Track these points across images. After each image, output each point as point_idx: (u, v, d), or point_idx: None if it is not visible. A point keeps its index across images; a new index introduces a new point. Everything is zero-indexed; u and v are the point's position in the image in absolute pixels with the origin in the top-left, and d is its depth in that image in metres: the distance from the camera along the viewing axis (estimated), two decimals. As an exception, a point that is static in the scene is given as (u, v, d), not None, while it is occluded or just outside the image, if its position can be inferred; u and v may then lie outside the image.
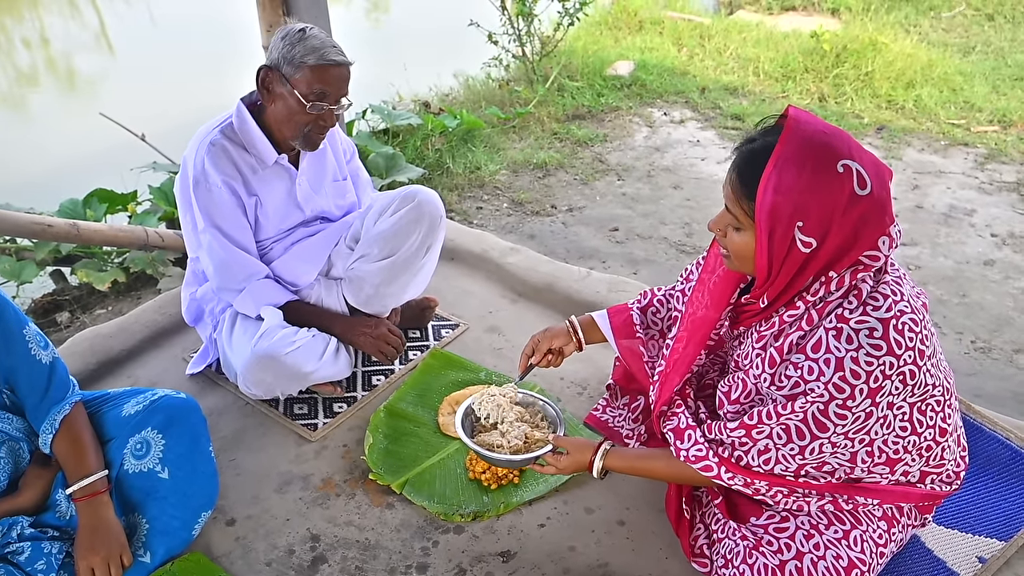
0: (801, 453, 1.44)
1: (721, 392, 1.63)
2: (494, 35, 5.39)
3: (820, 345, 1.39)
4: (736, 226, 1.43)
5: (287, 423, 2.22)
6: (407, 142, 4.46)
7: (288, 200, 2.23)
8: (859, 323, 1.36)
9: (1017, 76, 5.61)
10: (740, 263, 1.47)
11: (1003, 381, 2.83)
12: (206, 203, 2.10)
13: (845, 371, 1.35)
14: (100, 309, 3.42)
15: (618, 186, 4.31)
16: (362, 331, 2.24)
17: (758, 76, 5.68)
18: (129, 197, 3.72)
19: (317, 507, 1.98)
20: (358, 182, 2.45)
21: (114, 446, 1.80)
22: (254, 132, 2.10)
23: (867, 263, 1.37)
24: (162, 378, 2.39)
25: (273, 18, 2.95)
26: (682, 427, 1.63)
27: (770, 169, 1.32)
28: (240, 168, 2.12)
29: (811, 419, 1.40)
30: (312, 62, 1.98)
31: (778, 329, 1.49)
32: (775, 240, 1.35)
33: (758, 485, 1.51)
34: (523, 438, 1.85)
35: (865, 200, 1.31)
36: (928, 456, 1.52)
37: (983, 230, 3.80)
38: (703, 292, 1.69)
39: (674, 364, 1.72)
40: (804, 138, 1.32)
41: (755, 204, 1.34)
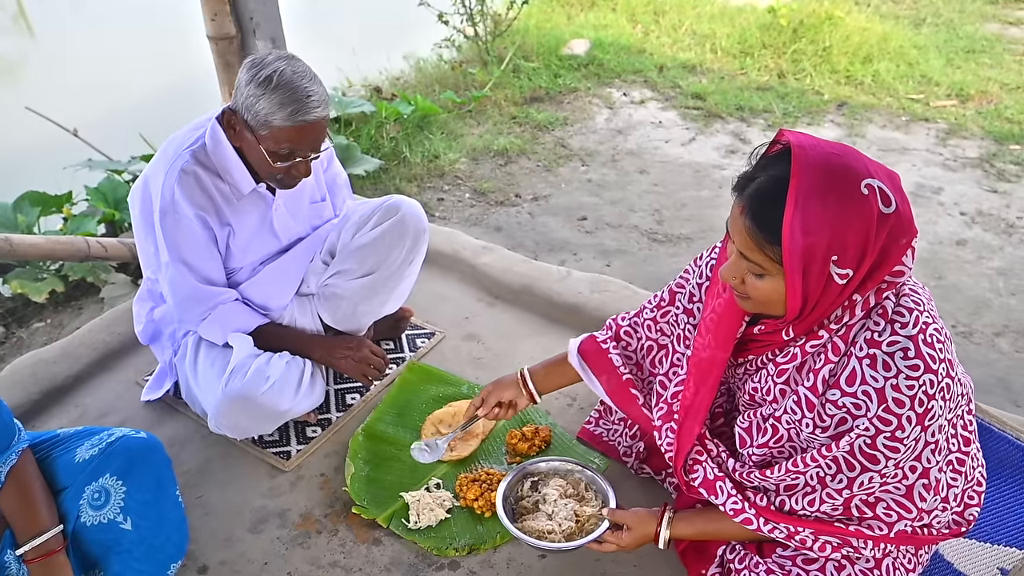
0: (849, 486, 1.32)
1: (741, 429, 1.51)
2: (445, 15, 5.20)
3: (855, 376, 1.28)
4: (758, 272, 1.28)
5: (257, 452, 2.04)
6: (360, 131, 4.25)
7: (263, 228, 2.03)
8: (891, 345, 1.26)
9: (969, 48, 5.65)
10: (763, 307, 1.34)
11: (987, 367, 2.80)
12: (174, 236, 1.87)
13: (888, 401, 1.25)
14: (38, 322, 3.17)
15: (583, 172, 4.18)
16: (343, 353, 2.06)
17: (716, 53, 5.59)
18: (64, 199, 3.45)
19: (297, 547, 1.82)
20: (335, 189, 2.25)
21: (68, 496, 1.60)
22: (230, 159, 1.87)
23: (892, 280, 1.27)
24: (115, 406, 2.19)
25: (217, 5, 2.72)
26: (711, 479, 1.51)
27: (791, 209, 1.18)
28: (213, 197, 1.90)
29: (859, 452, 1.29)
30: (279, 123, 1.73)
31: (800, 361, 1.37)
32: (810, 280, 1.21)
33: (804, 535, 1.40)
34: (573, 517, 1.70)
35: (892, 217, 1.20)
36: (963, 469, 1.44)
37: (952, 208, 3.79)
38: (703, 332, 1.55)
39: (687, 411, 1.58)
40: (818, 166, 1.19)
41: (782, 249, 1.20)
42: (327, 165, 2.21)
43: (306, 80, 1.74)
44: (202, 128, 1.90)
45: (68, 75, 6.07)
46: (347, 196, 2.29)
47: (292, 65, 1.75)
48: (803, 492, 1.38)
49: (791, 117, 4.70)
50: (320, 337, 2.11)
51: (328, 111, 1.80)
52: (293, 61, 1.76)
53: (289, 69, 1.73)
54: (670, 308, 1.70)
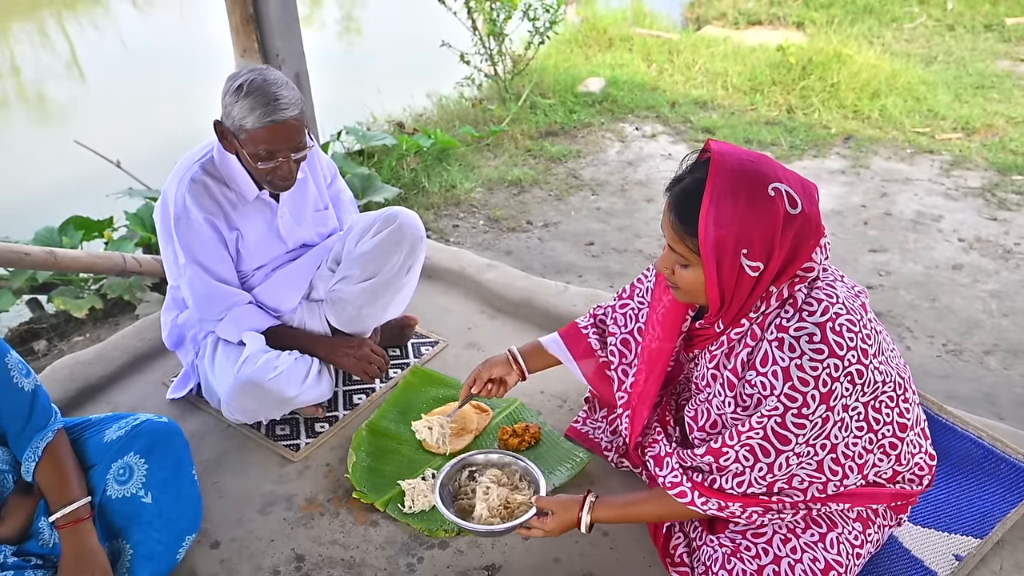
0: (771, 471, 1.47)
1: (688, 417, 1.67)
2: (466, 55, 5.46)
3: (767, 358, 1.44)
4: (683, 263, 1.46)
5: (269, 444, 2.22)
6: (382, 162, 4.49)
7: (270, 233, 2.23)
8: (797, 330, 1.42)
9: (978, 84, 5.75)
10: (691, 296, 1.52)
11: (974, 383, 2.89)
12: (187, 239, 2.09)
13: (793, 379, 1.40)
14: (78, 336, 3.41)
15: (592, 201, 4.36)
16: (345, 352, 2.25)
17: (727, 90, 5.77)
18: (105, 223, 3.71)
19: (301, 527, 1.99)
20: (340, 205, 2.44)
21: (97, 472, 1.79)
22: (234, 168, 2.09)
23: (803, 274, 1.44)
24: (142, 404, 2.39)
25: (247, 43, 2.98)
26: (661, 455, 1.66)
27: (706, 204, 1.36)
28: (221, 204, 2.11)
29: (772, 434, 1.44)
30: (251, 125, 1.91)
31: (727, 347, 1.54)
32: (724, 270, 1.39)
33: (732, 508, 1.54)
34: (504, 502, 1.83)
35: (798, 218, 1.38)
36: (895, 453, 1.56)
37: (950, 235, 3.89)
38: (653, 324, 1.72)
39: (639, 398, 1.75)
40: (732, 169, 1.37)
41: (699, 240, 1.38)
42: (331, 181, 2.41)
43: (275, 86, 1.92)
44: (211, 144, 2.13)
45: (113, 113, 6.45)
46: (353, 212, 2.49)
47: (263, 74, 1.94)
48: (732, 473, 1.52)
49: (798, 150, 4.84)
50: (325, 337, 2.30)
51: (299, 112, 1.96)
52: (266, 71, 1.96)
53: (260, 78, 1.93)
54: (629, 301, 1.88)
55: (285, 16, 3.01)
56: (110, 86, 7.47)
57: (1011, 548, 1.85)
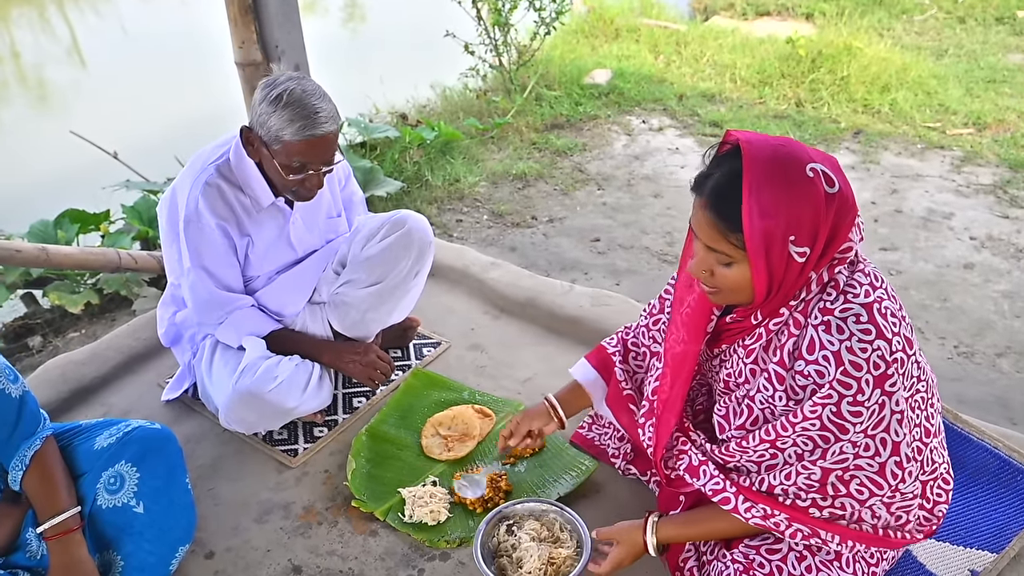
0: (824, 456, 1.40)
1: (719, 416, 1.59)
2: (470, 45, 5.37)
3: (814, 344, 1.37)
4: (726, 262, 1.38)
5: (266, 450, 2.17)
6: (385, 155, 4.42)
7: (280, 239, 2.16)
8: (843, 311, 1.36)
9: (989, 78, 5.67)
10: (733, 296, 1.43)
11: (987, 386, 2.83)
12: (196, 243, 2.02)
13: (845, 364, 1.33)
14: (73, 332, 3.35)
15: (598, 196, 4.29)
16: (351, 358, 2.18)
17: (735, 82, 5.69)
18: (102, 217, 3.65)
19: (299, 536, 1.93)
20: (351, 207, 2.38)
21: (86, 481, 1.74)
22: (251, 173, 2.01)
23: (841, 256, 1.38)
24: (137, 405, 2.33)
25: (246, 34, 2.90)
26: (695, 464, 1.60)
27: (747, 196, 1.29)
28: (234, 209, 2.04)
29: (828, 422, 1.37)
30: (289, 137, 1.86)
31: (766, 340, 1.47)
32: (773, 261, 1.32)
33: (779, 518, 1.46)
34: (548, 559, 1.74)
35: (837, 197, 1.32)
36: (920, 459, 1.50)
37: (962, 233, 3.82)
38: (676, 327, 1.65)
39: (665, 405, 1.67)
40: (766, 156, 1.31)
41: (743, 235, 1.31)
42: (344, 183, 2.35)
43: (315, 98, 1.87)
44: (227, 145, 2.05)
45: (113, 102, 6.38)
46: (361, 212, 2.42)
47: (302, 84, 1.88)
48: (780, 468, 1.45)
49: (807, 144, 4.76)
50: (329, 342, 2.23)
51: (337, 126, 1.93)
52: (303, 81, 1.90)
53: (299, 88, 1.86)
54: (660, 316, 1.81)
55: (284, 6, 2.93)
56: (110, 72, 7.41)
57: (1029, 563, 1.80)
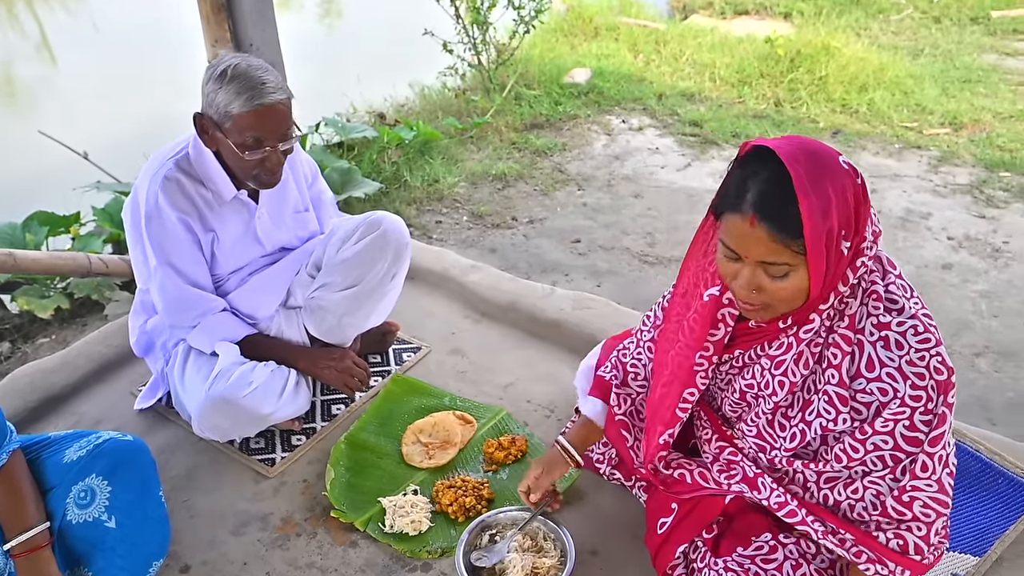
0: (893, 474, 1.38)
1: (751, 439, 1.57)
2: (449, 44, 5.33)
3: (873, 363, 1.35)
4: (782, 274, 1.32)
5: (243, 459, 2.12)
6: (363, 155, 4.36)
7: (247, 235, 2.12)
8: (900, 325, 1.33)
9: (965, 78, 5.71)
10: (787, 305, 1.36)
11: (966, 386, 2.84)
12: (159, 239, 1.98)
13: (911, 377, 1.32)
14: (43, 338, 3.27)
15: (578, 196, 4.27)
16: (327, 364, 2.13)
17: (714, 82, 5.69)
18: (72, 219, 3.56)
19: (277, 548, 1.89)
20: (320, 206, 2.33)
21: (56, 495, 1.68)
22: (211, 166, 1.97)
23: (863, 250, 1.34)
24: (109, 414, 2.27)
25: (219, 32, 2.85)
26: (752, 476, 1.58)
27: (803, 198, 1.24)
28: (196, 203, 2.00)
29: (900, 439, 1.35)
30: (238, 110, 1.82)
31: (796, 351, 1.43)
32: (831, 260, 1.29)
33: (844, 536, 1.43)
34: (531, 570, 1.71)
35: (863, 186, 1.31)
36: None
37: (939, 233, 3.84)
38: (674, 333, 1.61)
39: (654, 412, 1.65)
40: (804, 156, 1.27)
41: (804, 240, 1.26)
42: (312, 181, 2.30)
43: (260, 70, 1.84)
44: (186, 140, 2.01)
45: (83, 100, 6.26)
46: (333, 214, 2.38)
47: (246, 59, 1.86)
48: (845, 481, 1.43)
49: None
50: (305, 348, 2.19)
51: (286, 97, 1.88)
52: (247, 57, 1.87)
53: (243, 63, 1.84)
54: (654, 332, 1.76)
55: (259, 3, 2.88)
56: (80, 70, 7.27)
57: (1010, 566, 1.79)
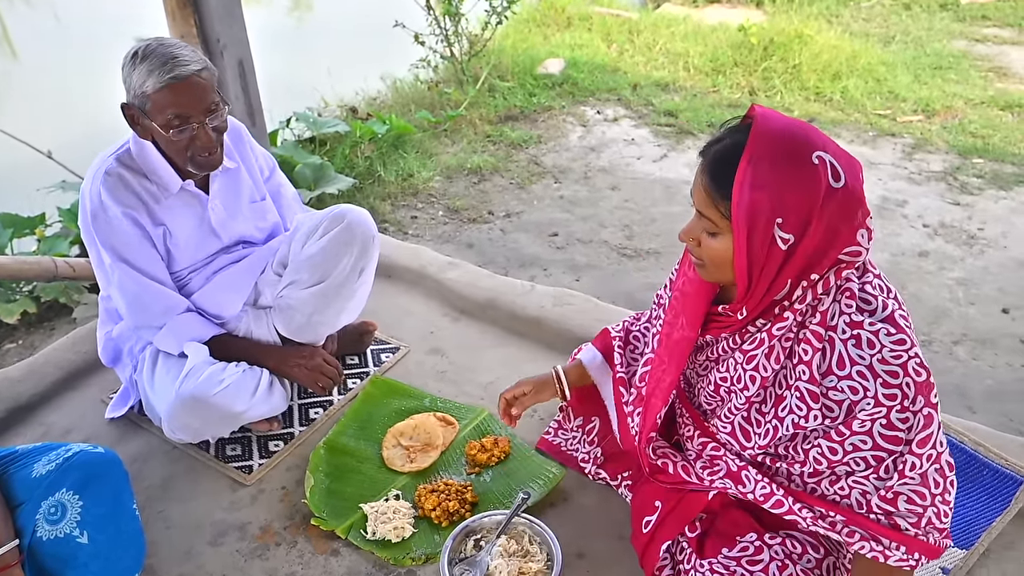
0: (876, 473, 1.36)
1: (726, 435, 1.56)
2: (420, 36, 5.26)
3: (844, 360, 1.33)
4: (712, 231, 1.36)
5: (219, 467, 2.07)
6: (335, 150, 4.30)
7: (201, 227, 2.06)
8: (872, 325, 1.32)
9: (936, 65, 5.75)
10: (717, 271, 1.40)
11: (944, 375, 2.85)
12: (108, 236, 1.92)
13: (882, 375, 1.30)
14: (9, 343, 3.19)
15: (555, 189, 4.23)
16: (296, 362, 2.09)
17: (688, 71, 5.68)
18: (37, 220, 3.47)
19: (256, 559, 1.84)
20: (281, 201, 2.28)
21: (25, 511, 1.62)
22: (153, 158, 1.92)
23: (848, 259, 1.33)
24: (79, 424, 2.21)
25: (184, 28, 2.77)
26: (735, 470, 1.56)
27: (744, 165, 1.26)
28: (141, 197, 1.94)
29: (879, 438, 1.33)
30: (152, 88, 1.77)
31: (768, 346, 1.42)
32: (755, 239, 1.28)
33: (835, 519, 1.42)
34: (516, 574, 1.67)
35: (840, 192, 1.27)
36: None
37: (915, 221, 3.86)
38: (675, 311, 1.61)
39: (655, 390, 1.64)
40: (775, 132, 1.27)
41: (731, 204, 1.28)
42: (268, 174, 2.25)
43: (173, 47, 1.80)
44: (128, 137, 1.96)
45: (46, 97, 6.10)
46: (298, 210, 2.32)
47: (159, 40, 1.82)
48: (830, 480, 1.42)
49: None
50: (274, 347, 2.14)
51: (204, 67, 1.82)
52: (162, 37, 1.84)
53: (156, 42, 1.80)
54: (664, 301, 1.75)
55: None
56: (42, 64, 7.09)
57: (997, 558, 1.80)
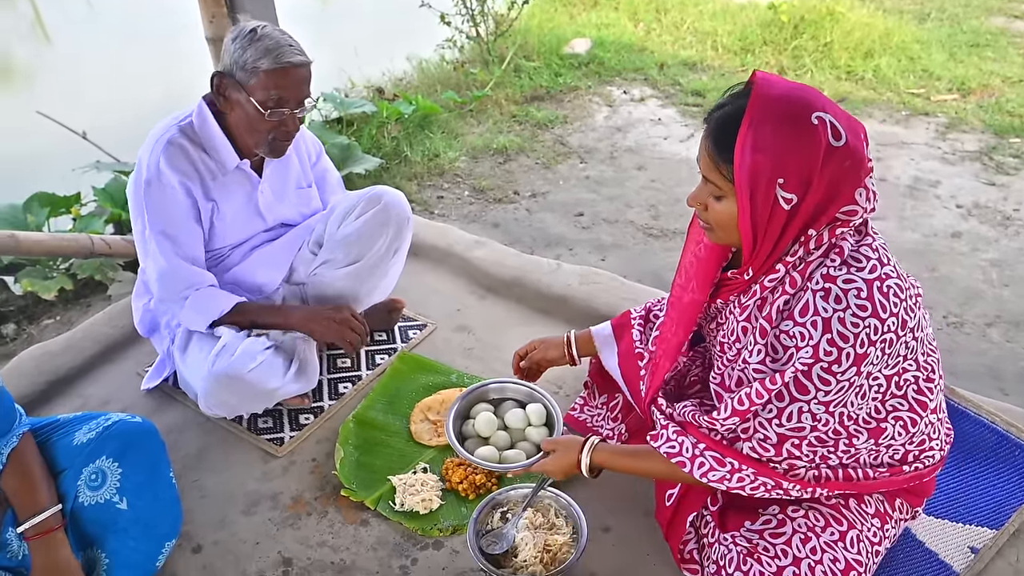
0: (779, 416, 1.40)
1: (715, 384, 1.57)
2: (447, 16, 5.26)
3: (808, 308, 1.35)
4: (717, 195, 1.38)
5: (252, 439, 2.11)
6: (362, 131, 4.32)
7: (248, 208, 2.10)
8: (847, 282, 1.33)
9: (973, 43, 5.63)
10: (724, 233, 1.42)
11: (977, 356, 2.83)
12: (158, 205, 1.96)
13: (833, 333, 1.32)
14: (48, 319, 3.26)
15: (581, 169, 4.23)
16: (324, 317, 2.04)
17: (716, 50, 5.62)
18: (72, 199, 3.53)
19: (288, 528, 1.88)
20: (325, 184, 2.31)
21: (67, 478, 1.67)
22: (215, 134, 1.96)
23: (845, 218, 1.35)
24: (116, 395, 2.26)
25: (215, 7, 2.80)
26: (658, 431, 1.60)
27: (745, 128, 1.28)
28: (199, 169, 1.98)
29: (792, 383, 1.37)
30: (266, 66, 1.84)
31: (760, 297, 1.45)
32: (757, 201, 1.30)
33: (745, 472, 1.45)
34: (543, 546, 1.70)
35: (840, 151, 1.28)
36: (914, 432, 1.48)
37: (948, 201, 3.80)
38: (685, 275, 1.64)
39: (663, 352, 1.68)
40: (775, 95, 1.29)
41: (734, 167, 1.30)
42: (316, 159, 2.28)
43: (287, 35, 1.90)
44: (191, 109, 1.99)
45: (80, 80, 6.19)
46: (339, 192, 2.36)
47: (272, 26, 1.89)
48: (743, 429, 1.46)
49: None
50: (298, 305, 2.16)
51: (309, 62, 1.91)
52: (272, 26, 1.91)
53: (271, 27, 1.88)
54: None
55: (257, -23, 2.83)
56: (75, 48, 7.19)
57: (1028, 538, 1.79)
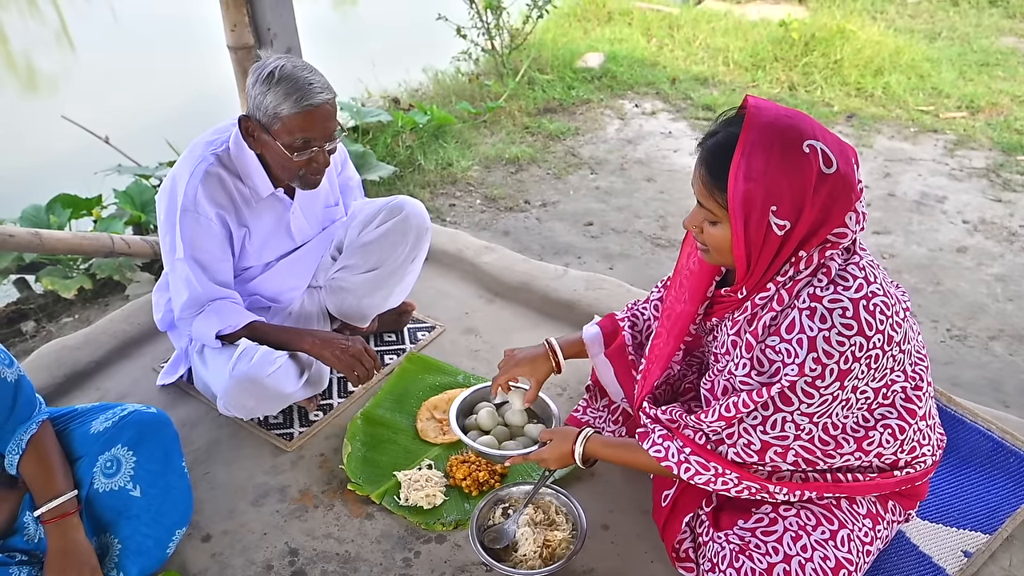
0: (763, 424, 1.44)
1: (704, 390, 1.62)
2: (463, 29, 5.34)
3: (794, 326, 1.39)
4: (712, 220, 1.42)
5: (262, 434, 2.17)
6: (377, 139, 4.40)
7: (279, 229, 2.13)
8: (832, 302, 1.37)
9: (983, 62, 5.67)
10: (719, 255, 1.47)
11: (979, 368, 2.85)
12: (191, 234, 1.96)
13: (818, 351, 1.36)
14: (67, 317, 3.34)
15: (591, 180, 4.28)
16: (336, 348, 2.04)
17: (728, 66, 5.68)
18: (94, 201, 3.63)
19: (295, 520, 1.94)
20: (347, 191, 2.36)
21: (83, 465, 1.74)
22: (251, 163, 1.97)
23: (835, 240, 1.38)
24: (132, 390, 2.32)
25: (237, 17, 2.88)
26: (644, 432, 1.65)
27: (738, 157, 1.32)
28: (234, 199, 2.00)
29: (776, 395, 1.41)
30: (287, 112, 1.83)
31: (751, 313, 1.49)
32: (751, 227, 1.35)
33: (729, 476, 1.50)
34: (543, 543, 1.76)
35: (832, 178, 1.32)
36: (903, 439, 1.52)
37: (955, 217, 3.83)
38: (679, 286, 1.68)
39: (655, 359, 1.72)
40: (767, 123, 1.32)
41: (727, 195, 1.34)
42: (341, 168, 2.32)
43: (306, 71, 1.85)
44: (226, 132, 2.00)
45: (103, 86, 6.32)
46: (359, 196, 2.41)
47: (291, 61, 1.87)
48: (728, 434, 1.50)
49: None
50: (311, 330, 2.12)
51: (332, 96, 1.89)
52: (292, 58, 1.89)
53: (289, 64, 1.85)
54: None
55: (277, -11, 2.91)
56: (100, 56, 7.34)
57: (1021, 544, 1.81)
